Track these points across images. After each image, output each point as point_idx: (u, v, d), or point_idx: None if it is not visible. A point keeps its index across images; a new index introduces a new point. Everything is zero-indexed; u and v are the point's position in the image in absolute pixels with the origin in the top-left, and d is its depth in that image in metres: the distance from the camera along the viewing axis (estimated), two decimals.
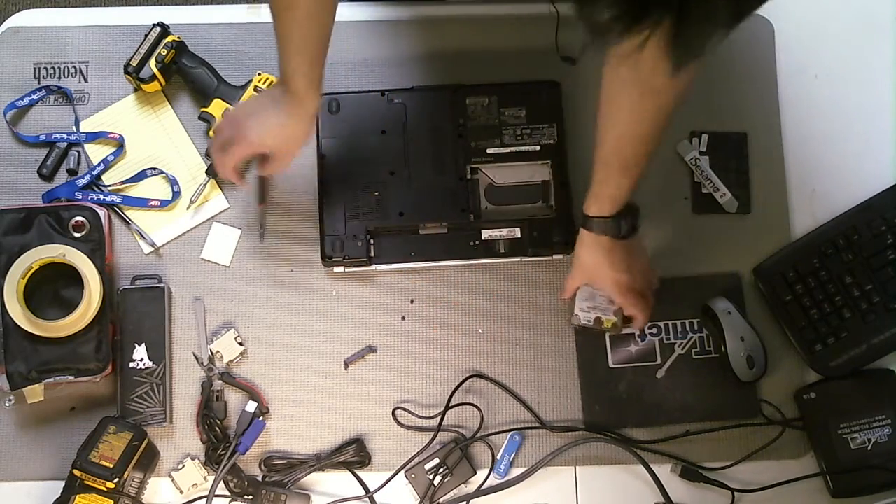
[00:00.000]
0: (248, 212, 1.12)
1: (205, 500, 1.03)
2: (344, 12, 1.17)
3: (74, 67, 1.15)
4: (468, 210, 1.09)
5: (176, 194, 1.12)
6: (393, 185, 1.09)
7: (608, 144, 0.94)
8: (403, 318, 1.11)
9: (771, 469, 1.09)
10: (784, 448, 1.09)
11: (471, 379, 1.10)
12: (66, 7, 1.90)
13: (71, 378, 1.03)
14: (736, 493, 1.08)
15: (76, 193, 1.11)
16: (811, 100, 1.17)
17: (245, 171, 1.09)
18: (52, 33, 1.15)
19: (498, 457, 1.08)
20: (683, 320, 1.11)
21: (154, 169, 1.13)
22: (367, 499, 1.07)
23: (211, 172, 1.11)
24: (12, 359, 1.03)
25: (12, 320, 1.02)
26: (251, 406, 1.07)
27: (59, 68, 1.14)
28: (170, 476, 1.06)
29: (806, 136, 1.16)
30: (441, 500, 1.07)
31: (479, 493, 1.07)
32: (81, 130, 1.13)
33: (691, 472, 1.08)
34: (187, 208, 1.12)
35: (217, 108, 1.11)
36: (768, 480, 1.08)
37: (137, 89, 1.14)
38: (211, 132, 1.10)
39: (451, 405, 1.08)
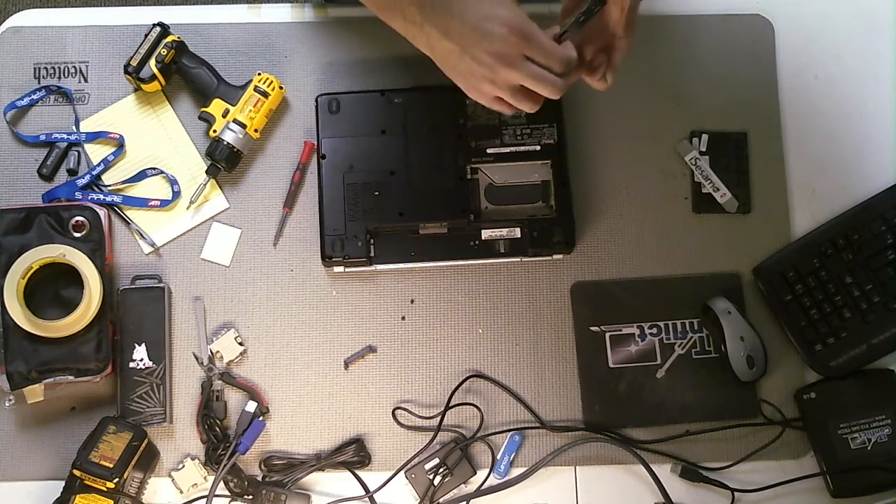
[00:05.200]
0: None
1: (205, 500, 1.03)
2: (344, 12, 1.17)
3: (74, 67, 1.15)
4: (468, 210, 1.09)
5: (176, 194, 1.12)
6: (393, 185, 1.09)
7: None
8: (403, 318, 1.11)
9: (771, 469, 1.09)
10: (784, 448, 1.09)
11: (471, 379, 1.10)
12: (66, 7, 1.89)
13: (71, 378, 1.03)
14: (736, 493, 1.08)
15: (76, 193, 1.11)
16: (811, 100, 1.17)
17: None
18: (52, 33, 1.15)
19: (498, 457, 1.08)
20: (683, 320, 1.12)
21: (154, 169, 1.13)
22: (367, 499, 1.07)
23: (211, 172, 1.11)
24: (12, 359, 1.03)
25: (12, 320, 1.02)
26: (251, 406, 1.07)
27: (59, 68, 1.14)
28: (170, 476, 1.06)
29: (806, 136, 1.16)
30: (441, 500, 1.07)
31: (479, 493, 1.07)
32: (81, 130, 1.13)
33: (691, 472, 1.08)
34: (187, 208, 1.12)
35: (217, 107, 1.11)
36: (768, 480, 1.08)
37: (137, 89, 1.14)
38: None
39: (451, 405, 1.09)
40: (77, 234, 1.06)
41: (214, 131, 1.10)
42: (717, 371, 1.10)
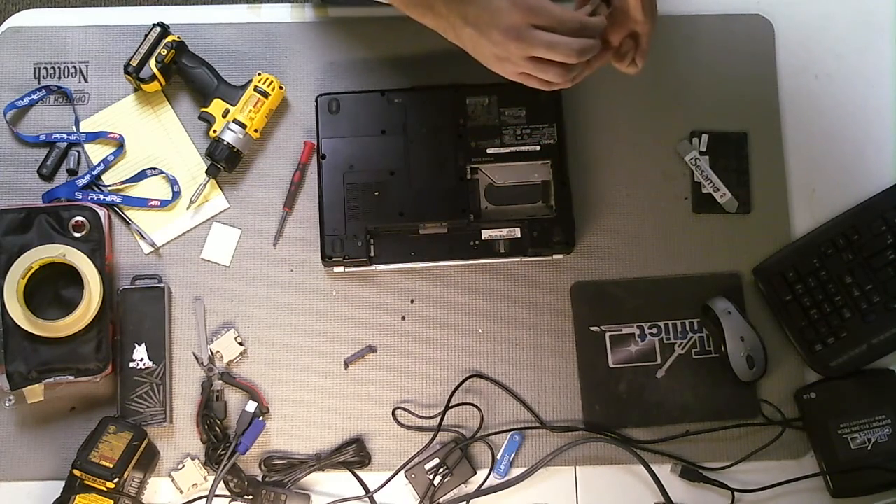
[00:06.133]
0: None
1: (205, 500, 1.03)
2: (344, 12, 1.17)
3: (74, 67, 1.15)
4: (468, 210, 1.09)
5: (176, 194, 1.12)
6: (393, 185, 1.09)
7: None
8: (403, 318, 1.11)
9: (771, 469, 1.09)
10: (784, 448, 1.09)
11: (471, 379, 1.10)
12: (66, 7, 1.89)
13: (71, 378, 1.04)
14: (736, 493, 1.08)
15: (76, 193, 1.11)
16: (811, 100, 1.17)
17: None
18: (52, 33, 1.15)
19: (498, 457, 1.08)
20: (683, 320, 1.12)
21: (154, 169, 1.13)
22: (367, 499, 1.07)
23: (211, 172, 1.11)
24: (12, 359, 1.03)
25: (12, 320, 1.02)
26: (251, 406, 1.07)
27: (59, 68, 1.14)
28: (170, 476, 1.06)
29: (806, 136, 1.16)
30: (441, 500, 1.07)
31: (479, 493, 1.07)
32: (81, 130, 1.13)
33: (691, 472, 1.08)
34: (187, 208, 1.12)
35: (217, 107, 1.11)
36: (768, 480, 1.08)
37: (137, 89, 1.14)
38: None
39: (451, 405, 1.09)
40: (77, 234, 1.06)
41: (214, 131, 1.10)
42: (717, 371, 1.10)
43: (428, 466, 1.07)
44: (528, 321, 1.12)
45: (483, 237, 1.09)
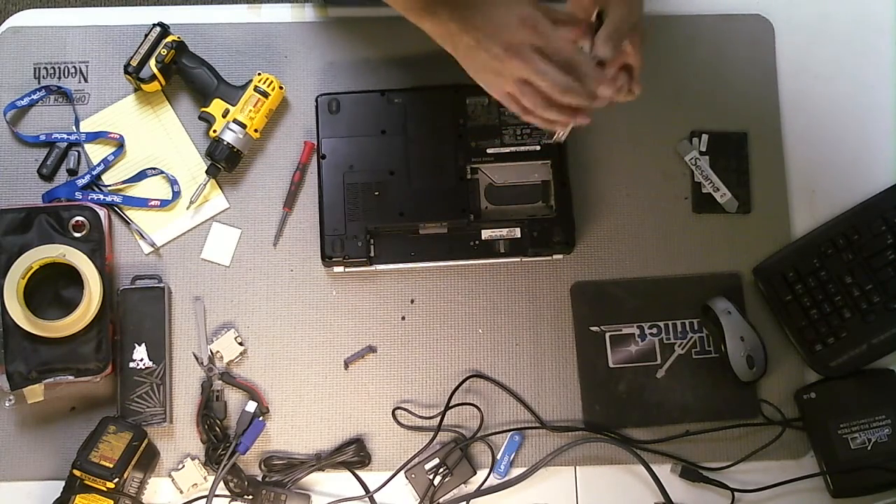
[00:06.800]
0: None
1: (205, 500, 1.04)
2: (344, 12, 1.17)
3: (74, 67, 1.15)
4: (468, 210, 1.09)
5: (176, 194, 1.12)
6: (393, 185, 1.09)
7: None
8: (403, 318, 1.11)
9: (771, 469, 1.09)
10: (784, 448, 1.09)
11: (471, 379, 1.10)
12: (66, 7, 1.89)
13: (71, 378, 1.04)
14: (736, 493, 1.08)
15: (76, 193, 1.11)
16: (811, 100, 1.17)
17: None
18: (52, 33, 1.15)
19: (498, 457, 1.08)
20: (683, 320, 1.12)
21: (154, 169, 1.13)
22: (367, 499, 1.07)
23: (211, 172, 1.11)
24: (12, 359, 1.03)
25: (12, 320, 1.02)
26: (251, 406, 1.07)
27: (59, 68, 1.14)
28: (170, 476, 1.06)
29: (806, 136, 1.16)
30: (441, 500, 1.07)
31: (479, 493, 1.07)
32: (81, 130, 1.13)
33: (691, 472, 1.08)
34: (187, 208, 1.12)
35: (217, 108, 1.11)
36: (768, 480, 1.08)
37: (137, 89, 1.14)
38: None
39: (451, 405, 1.09)
40: (77, 234, 1.06)
41: (214, 131, 1.10)
42: (717, 371, 1.10)
43: (428, 466, 1.07)
44: (528, 321, 1.12)
45: (483, 237, 1.09)
